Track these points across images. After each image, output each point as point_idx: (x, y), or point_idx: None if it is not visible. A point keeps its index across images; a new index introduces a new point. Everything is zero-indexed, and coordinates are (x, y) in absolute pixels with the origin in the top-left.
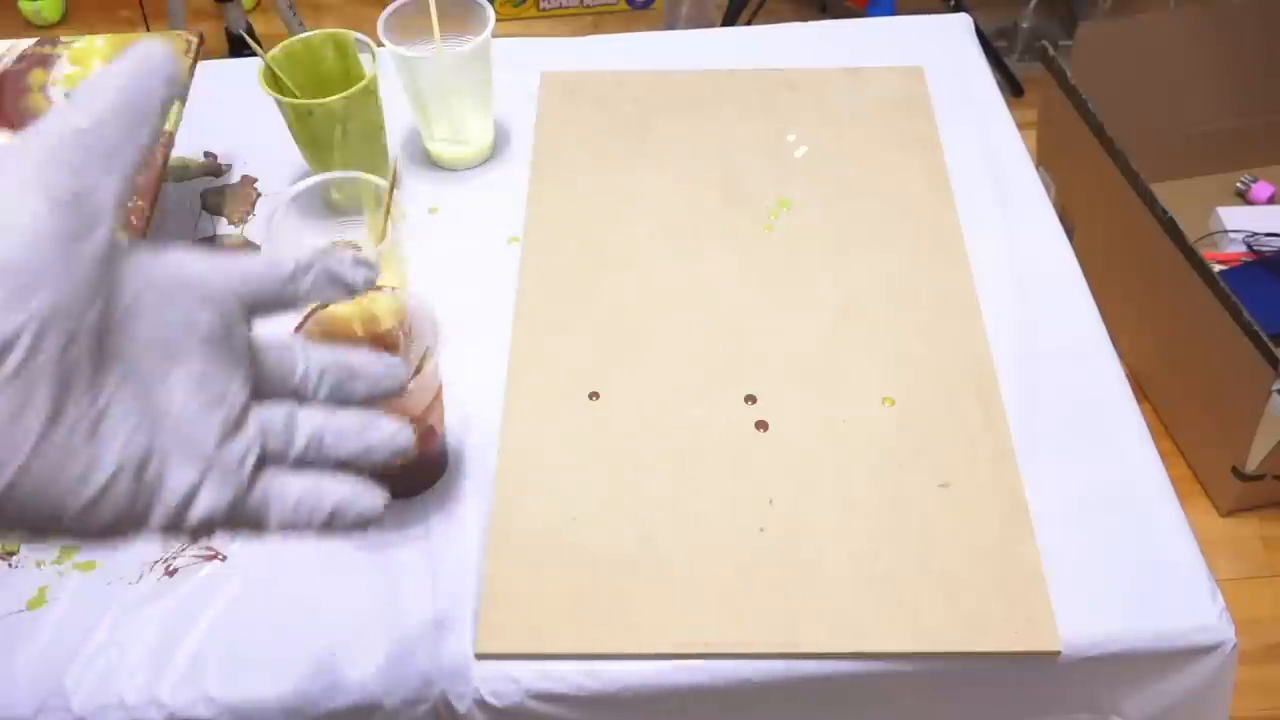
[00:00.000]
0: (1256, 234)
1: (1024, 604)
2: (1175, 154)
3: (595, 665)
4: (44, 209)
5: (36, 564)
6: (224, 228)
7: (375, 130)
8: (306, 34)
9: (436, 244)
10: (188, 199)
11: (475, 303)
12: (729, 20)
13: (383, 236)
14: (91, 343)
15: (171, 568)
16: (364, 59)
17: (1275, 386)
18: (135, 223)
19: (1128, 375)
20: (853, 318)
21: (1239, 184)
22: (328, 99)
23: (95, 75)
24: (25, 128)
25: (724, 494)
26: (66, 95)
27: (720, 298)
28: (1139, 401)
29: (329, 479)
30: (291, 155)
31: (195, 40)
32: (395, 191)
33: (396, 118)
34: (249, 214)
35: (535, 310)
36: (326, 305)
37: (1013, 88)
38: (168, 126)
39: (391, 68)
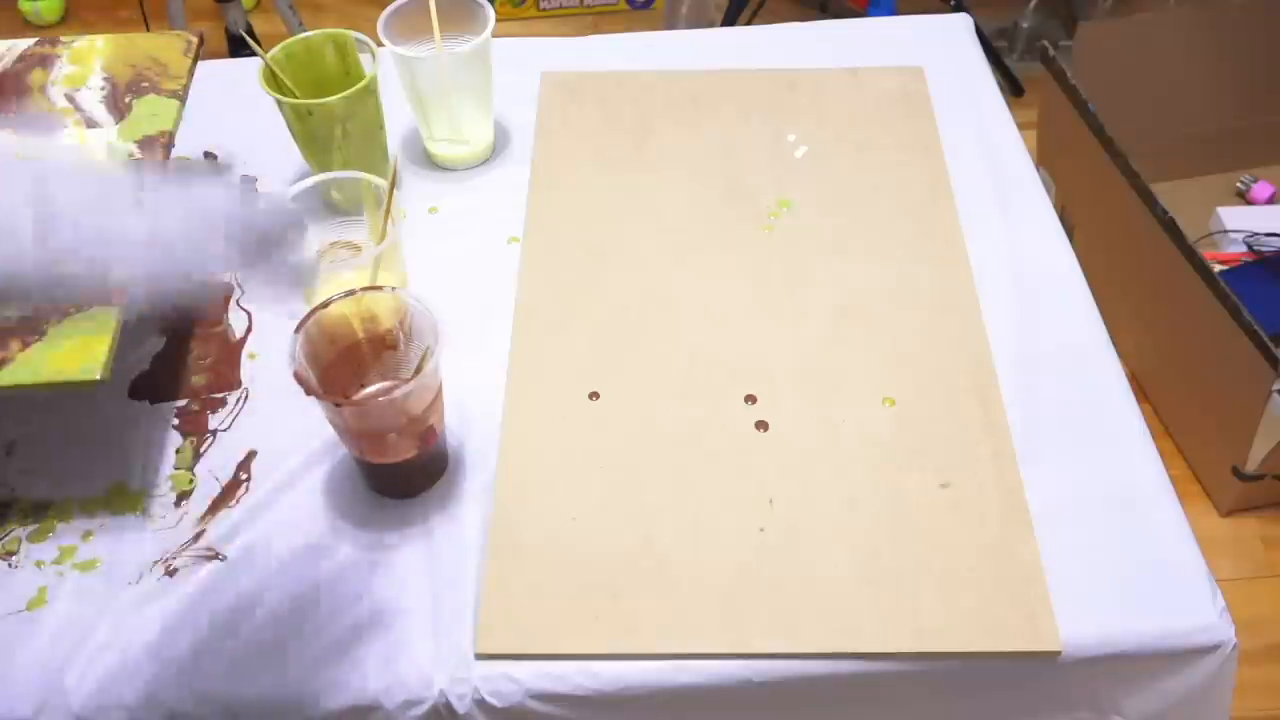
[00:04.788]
0: (1256, 234)
1: (1024, 604)
2: (1175, 154)
3: (595, 665)
4: None
5: (36, 564)
6: None
7: (375, 130)
8: (306, 34)
9: (436, 244)
10: None
11: (475, 303)
12: (729, 20)
13: (383, 236)
14: None
15: (171, 568)
16: (364, 59)
17: (1275, 386)
18: None
19: (1128, 375)
20: (852, 318)
21: (1239, 184)
22: (328, 99)
23: None
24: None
25: (724, 494)
26: (66, 95)
27: (720, 298)
28: (1139, 401)
29: None
30: (291, 155)
31: (195, 40)
32: (395, 191)
33: (396, 118)
34: None
35: (535, 310)
36: (327, 304)
37: (1013, 88)
38: (168, 127)
39: (391, 68)
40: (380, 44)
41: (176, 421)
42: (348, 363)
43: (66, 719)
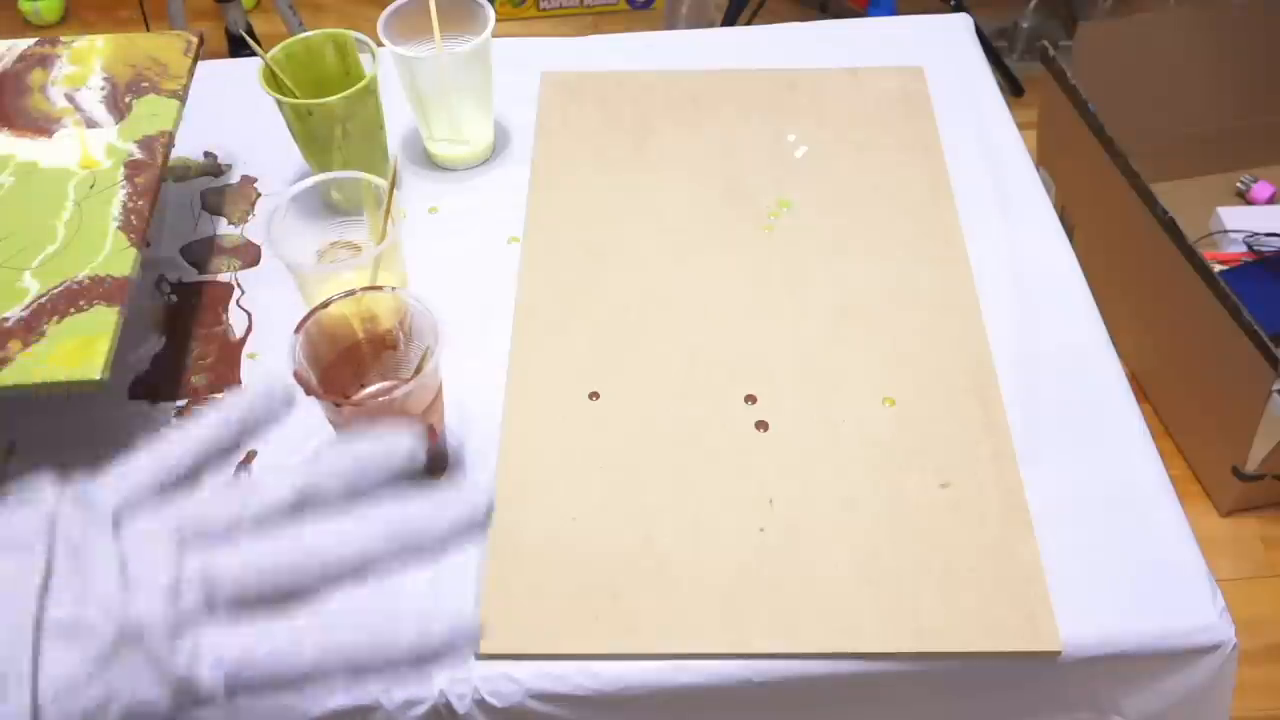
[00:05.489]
0: (1256, 234)
1: (1024, 604)
2: (1175, 154)
3: (595, 665)
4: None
5: None
6: (224, 228)
7: (375, 130)
8: (306, 34)
9: (436, 244)
10: (188, 199)
11: (475, 303)
12: (729, 20)
13: (383, 236)
14: None
15: None
16: (364, 59)
17: (1275, 386)
18: (136, 223)
19: (1128, 375)
20: (852, 318)
21: (1239, 184)
22: (328, 99)
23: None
24: (25, 129)
25: (724, 494)
26: (66, 95)
27: (720, 298)
28: (1139, 401)
29: None
30: (291, 155)
31: (195, 40)
32: (395, 191)
33: (396, 118)
34: (249, 214)
35: (535, 310)
36: (327, 304)
37: (1013, 88)
38: (168, 127)
39: (391, 68)
40: (380, 44)
41: (176, 421)
42: (348, 363)
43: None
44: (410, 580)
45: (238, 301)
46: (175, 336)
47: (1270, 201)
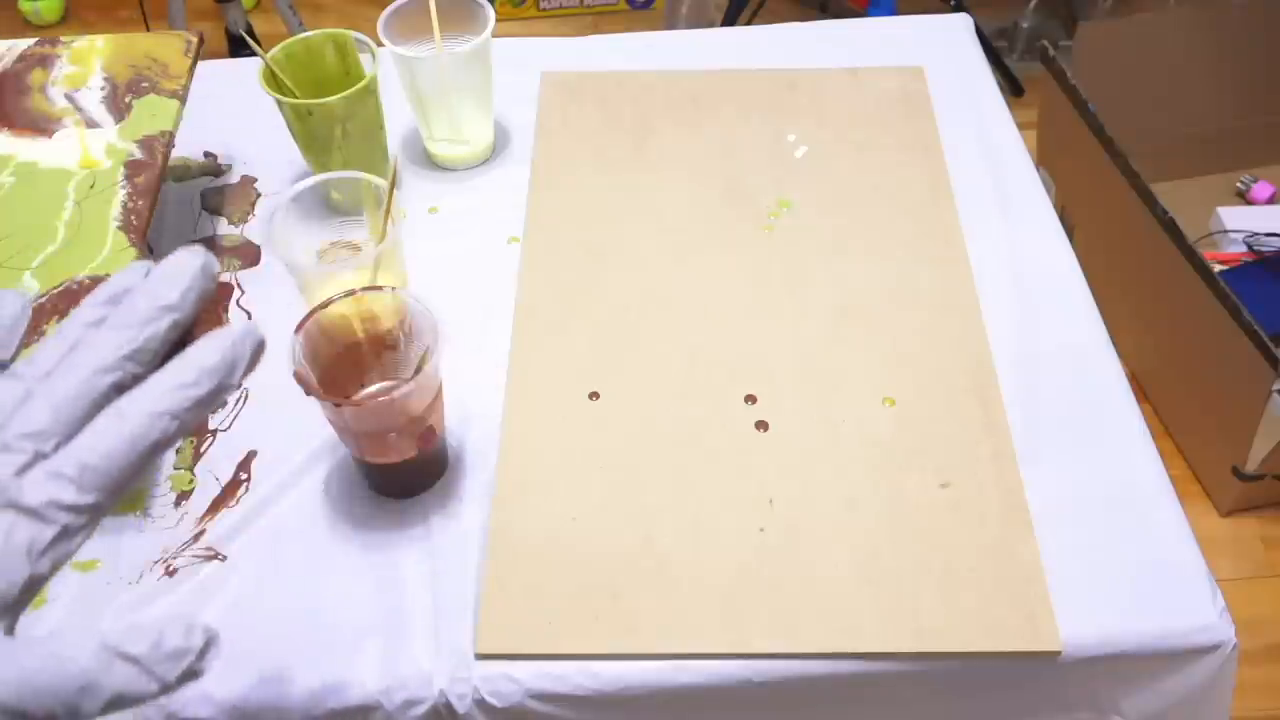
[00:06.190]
0: (1256, 234)
1: (1024, 604)
2: (1175, 154)
3: (595, 665)
4: None
5: None
6: (224, 228)
7: (375, 130)
8: (306, 34)
9: (436, 244)
10: (188, 199)
11: (475, 303)
12: (729, 20)
13: (383, 236)
14: None
15: (171, 568)
16: (364, 59)
17: (1275, 386)
18: (136, 223)
19: (1128, 375)
20: (852, 318)
21: (1239, 184)
22: (328, 99)
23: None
24: (25, 129)
25: (724, 494)
26: (66, 95)
27: (720, 298)
28: (1139, 401)
29: None
30: (291, 155)
31: (195, 40)
32: (395, 191)
33: (396, 118)
34: (249, 214)
35: (535, 310)
36: (327, 304)
37: (1013, 88)
38: (168, 127)
39: (391, 68)
40: (380, 44)
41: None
42: (348, 363)
43: None
44: (411, 580)
45: (238, 301)
46: None
47: (1270, 201)
